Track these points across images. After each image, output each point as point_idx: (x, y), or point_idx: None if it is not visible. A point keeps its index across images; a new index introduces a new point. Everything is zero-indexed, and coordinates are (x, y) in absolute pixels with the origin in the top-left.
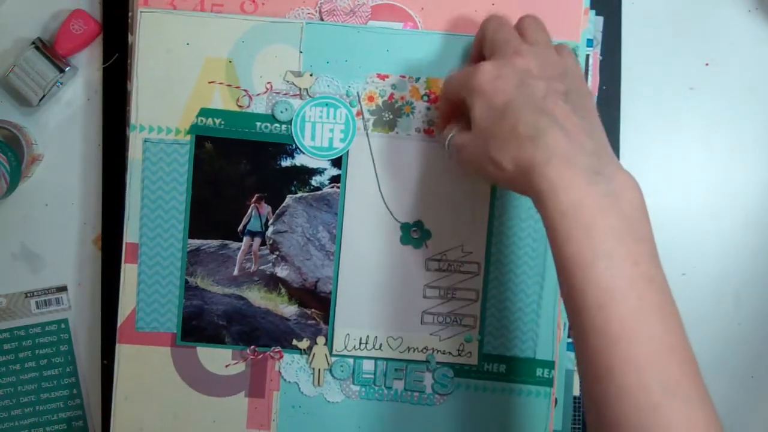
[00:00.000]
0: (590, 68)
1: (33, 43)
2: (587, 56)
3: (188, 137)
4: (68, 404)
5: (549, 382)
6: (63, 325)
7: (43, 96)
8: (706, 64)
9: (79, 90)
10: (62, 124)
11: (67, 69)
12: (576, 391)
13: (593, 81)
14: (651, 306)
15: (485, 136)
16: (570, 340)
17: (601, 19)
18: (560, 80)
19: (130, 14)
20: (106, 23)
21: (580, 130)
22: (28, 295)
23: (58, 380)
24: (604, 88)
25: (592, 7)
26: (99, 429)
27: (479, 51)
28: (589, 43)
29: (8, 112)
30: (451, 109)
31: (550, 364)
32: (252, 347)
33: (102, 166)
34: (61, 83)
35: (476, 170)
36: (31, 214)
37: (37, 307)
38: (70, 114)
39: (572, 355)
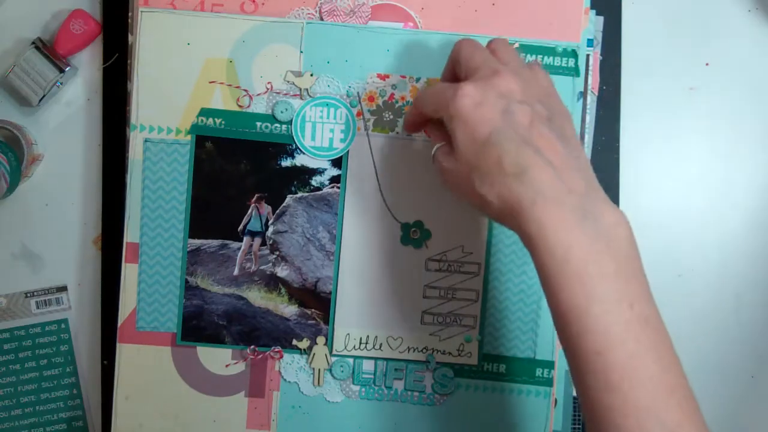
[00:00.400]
0: (590, 68)
1: (33, 43)
2: (587, 56)
3: (189, 137)
4: (68, 404)
5: (549, 382)
6: (63, 325)
7: (43, 96)
8: (706, 64)
9: (79, 90)
10: (62, 124)
11: (67, 69)
12: (576, 392)
13: (593, 81)
14: (648, 348)
15: (469, 167)
16: None
17: (601, 19)
18: (542, 103)
19: (130, 14)
20: (106, 23)
21: (567, 163)
22: (28, 295)
23: (58, 380)
24: (604, 88)
25: (592, 7)
26: (99, 429)
27: (452, 72)
28: (589, 43)
29: (8, 112)
30: (424, 122)
31: (549, 364)
32: (252, 347)
33: (102, 166)
34: (61, 83)
35: (460, 197)
36: (31, 214)
37: (37, 307)
38: (70, 114)
39: None
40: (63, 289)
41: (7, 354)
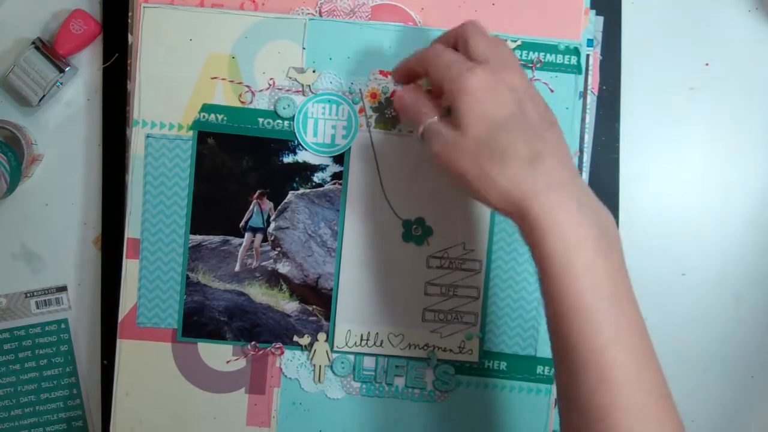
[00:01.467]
0: (590, 68)
1: (33, 43)
2: (587, 56)
3: (190, 133)
4: (68, 404)
5: (549, 380)
6: (63, 325)
7: (43, 96)
8: (706, 64)
9: (79, 90)
10: (62, 124)
11: (67, 69)
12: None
13: (593, 81)
14: (643, 351)
15: (478, 144)
16: None
17: (601, 19)
18: (542, 103)
19: (130, 14)
20: (106, 23)
21: (568, 159)
22: (28, 295)
23: (58, 380)
24: (604, 88)
25: (592, 7)
26: (99, 429)
27: (450, 44)
28: (589, 43)
29: (8, 112)
30: (415, 76)
31: (550, 362)
32: (253, 343)
33: (102, 166)
34: (61, 83)
35: (453, 175)
36: (31, 214)
37: (37, 307)
38: (70, 114)
39: None
40: (63, 289)
41: (7, 354)
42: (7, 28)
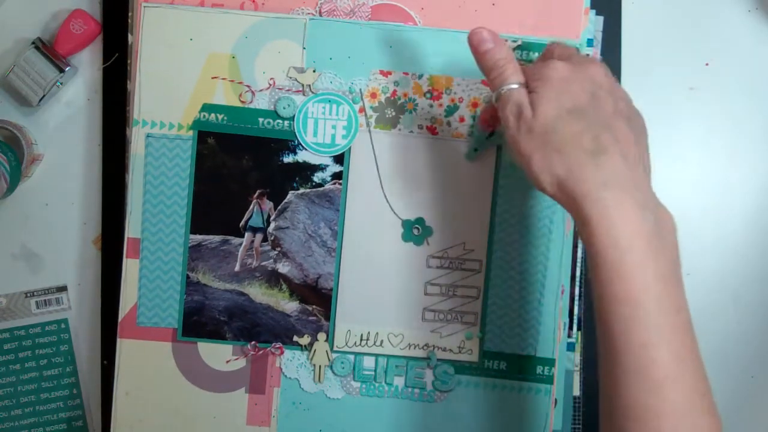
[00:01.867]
0: None
1: (33, 43)
2: (587, 56)
3: (191, 132)
4: (68, 404)
5: (549, 380)
6: (63, 325)
7: (43, 96)
8: (706, 64)
9: (79, 90)
10: (62, 124)
11: (67, 69)
12: (576, 392)
13: None
14: (689, 353)
15: (545, 129)
16: (570, 340)
17: (601, 19)
18: (625, 101)
19: (130, 14)
20: (106, 23)
21: (638, 161)
22: (28, 295)
23: (58, 380)
24: None
25: (592, 7)
26: (99, 429)
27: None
28: (589, 43)
29: (8, 112)
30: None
31: (550, 362)
32: (253, 343)
33: (102, 166)
34: (61, 83)
35: (514, 147)
36: (31, 214)
37: (37, 307)
38: (70, 114)
39: (572, 355)
40: (63, 289)
41: (7, 354)
42: (7, 28)
